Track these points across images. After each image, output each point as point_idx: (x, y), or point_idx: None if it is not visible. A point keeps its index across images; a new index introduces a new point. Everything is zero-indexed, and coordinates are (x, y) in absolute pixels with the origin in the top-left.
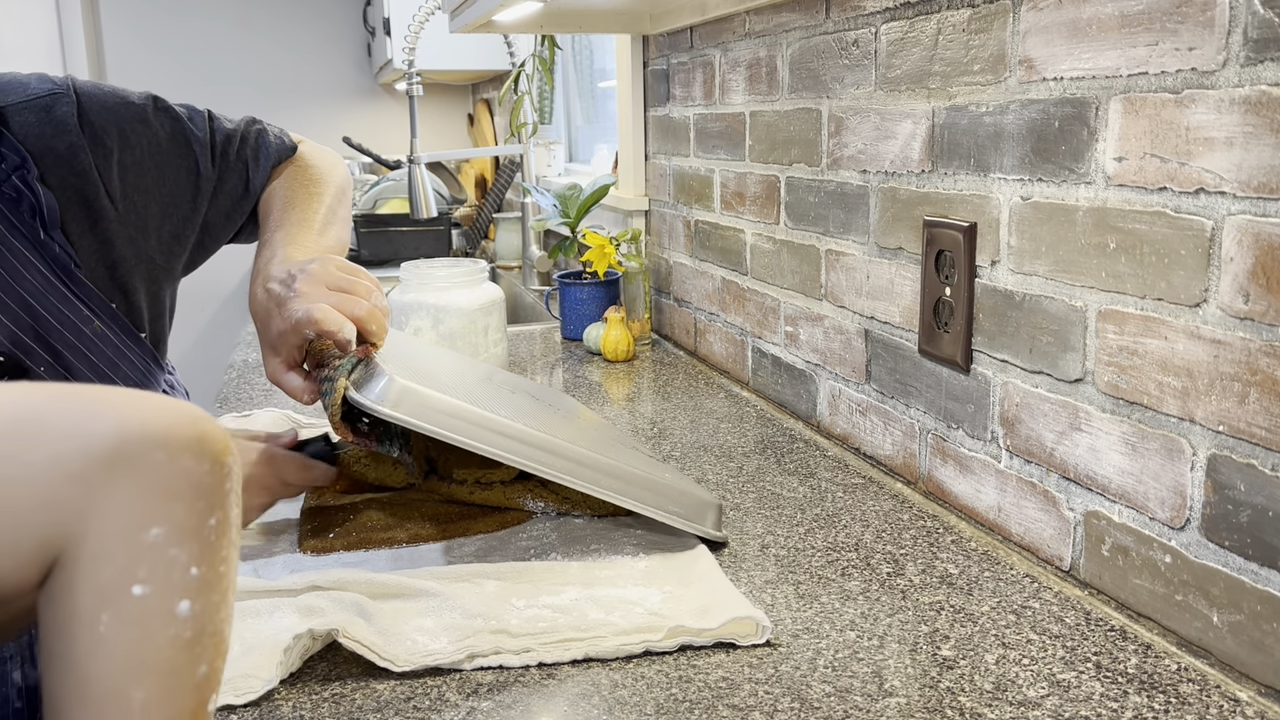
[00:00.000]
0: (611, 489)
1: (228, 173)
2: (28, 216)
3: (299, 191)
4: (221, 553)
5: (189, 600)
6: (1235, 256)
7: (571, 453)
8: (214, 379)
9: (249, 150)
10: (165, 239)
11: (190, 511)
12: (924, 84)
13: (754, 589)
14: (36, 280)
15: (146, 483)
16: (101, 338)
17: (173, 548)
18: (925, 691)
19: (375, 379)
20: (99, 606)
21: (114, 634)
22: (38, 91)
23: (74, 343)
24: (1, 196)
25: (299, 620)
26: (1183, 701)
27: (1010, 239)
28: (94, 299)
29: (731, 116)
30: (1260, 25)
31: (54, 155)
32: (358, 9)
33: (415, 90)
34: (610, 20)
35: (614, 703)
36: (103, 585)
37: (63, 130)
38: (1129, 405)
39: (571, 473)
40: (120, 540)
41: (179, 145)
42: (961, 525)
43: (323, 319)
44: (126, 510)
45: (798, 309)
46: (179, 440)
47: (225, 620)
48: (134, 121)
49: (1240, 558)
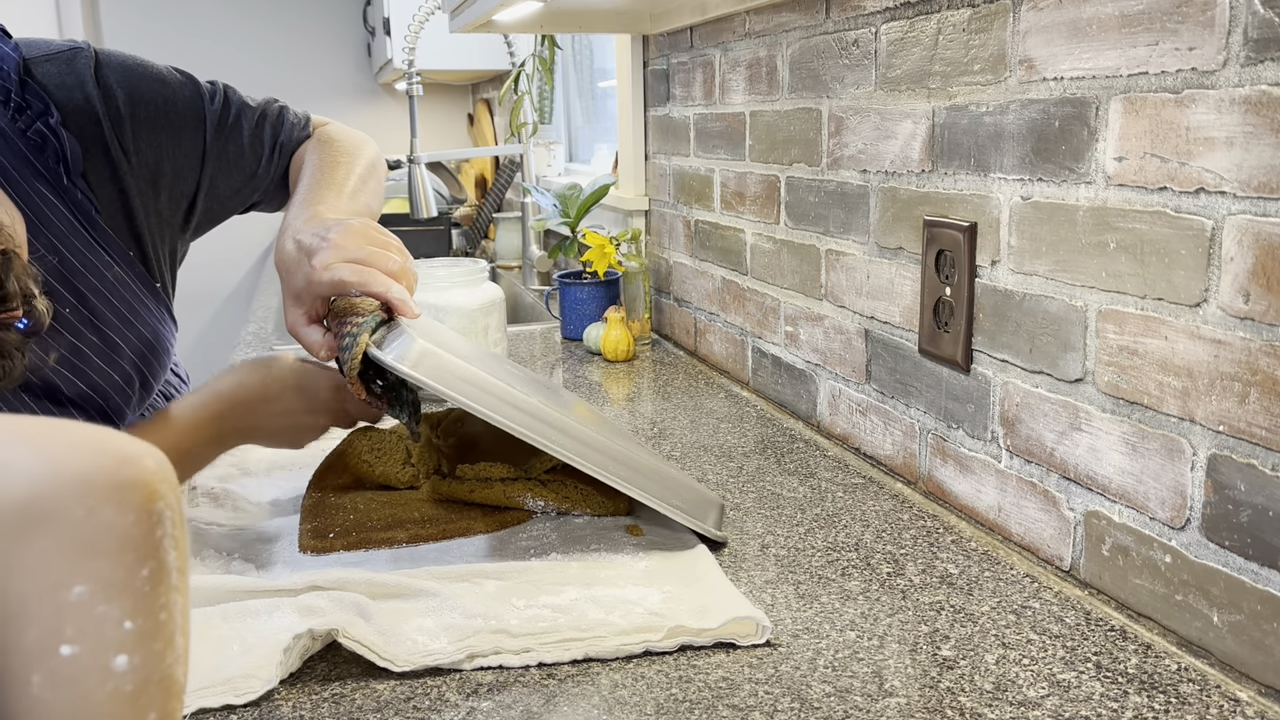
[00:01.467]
0: (619, 475)
1: (241, 144)
2: (52, 162)
3: (329, 161)
4: (160, 600)
5: (125, 655)
6: (1235, 256)
7: (582, 434)
8: None
9: (268, 125)
10: (176, 198)
11: (117, 566)
12: (924, 84)
13: (754, 589)
14: (61, 224)
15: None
16: (122, 284)
17: (100, 605)
18: (925, 691)
19: (397, 338)
20: (28, 668)
21: (48, 695)
22: (60, 46)
23: (97, 286)
24: (26, 141)
25: (299, 620)
26: (1183, 701)
27: (1010, 239)
28: (114, 246)
29: (731, 116)
30: (1260, 25)
31: (74, 105)
32: (358, 9)
33: (415, 90)
34: (610, 20)
35: (614, 703)
36: (28, 647)
37: (82, 81)
38: (1129, 405)
39: (581, 454)
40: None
41: (193, 108)
42: (961, 525)
43: (352, 272)
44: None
45: (798, 309)
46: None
47: (175, 663)
48: (149, 80)
49: (1240, 558)
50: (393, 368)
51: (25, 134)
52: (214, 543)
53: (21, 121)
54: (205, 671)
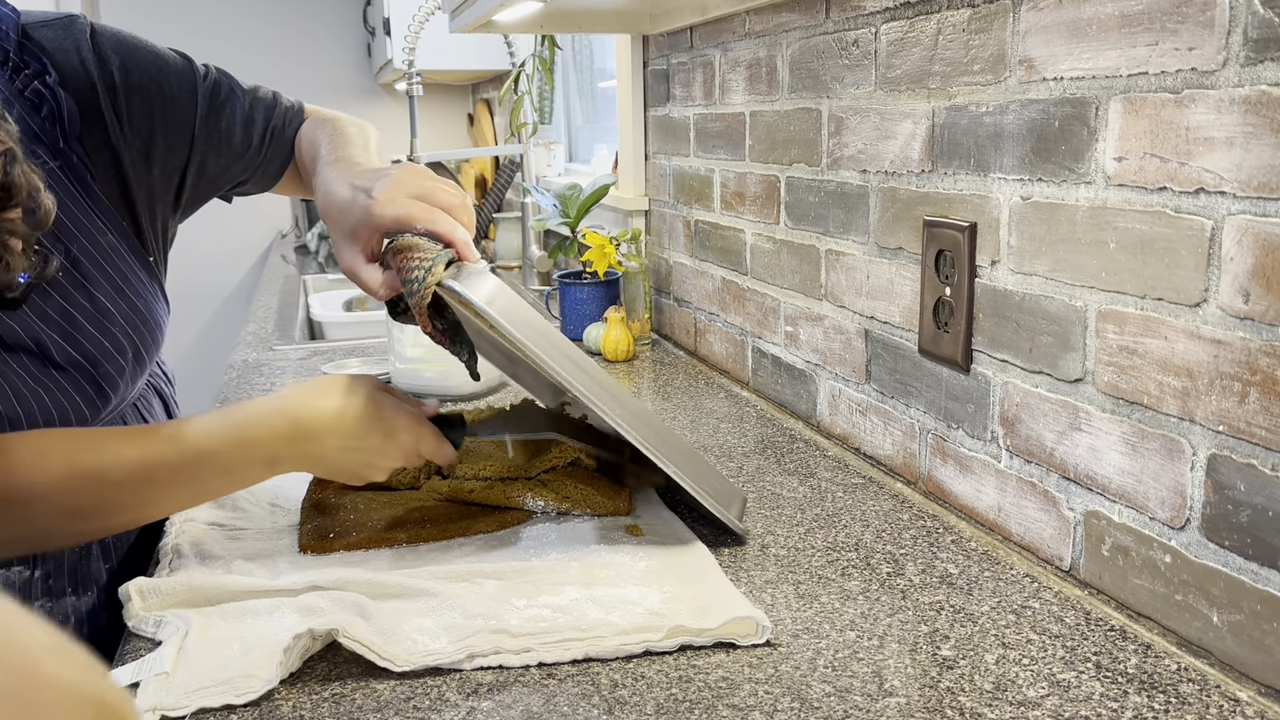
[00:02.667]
0: (660, 450)
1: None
2: (48, 124)
3: (344, 133)
4: None
5: None
6: (1235, 256)
7: (631, 403)
8: (214, 379)
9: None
10: (168, 173)
11: None
12: (924, 84)
13: (754, 589)
14: (56, 186)
15: None
16: (115, 251)
17: None
18: (925, 691)
19: (472, 274)
20: None
21: None
22: (56, 14)
23: (91, 251)
24: (24, 102)
25: (299, 620)
26: (1183, 701)
27: (1010, 239)
28: (108, 214)
29: (731, 116)
30: (1260, 25)
31: (70, 68)
32: (358, 9)
33: (415, 90)
34: (610, 20)
35: (614, 703)
36: None
37: (78, 46)
38: (1129, 405)
39: (628, 421)
40: None
41: (186, 81)
42: (961, 525)
43: (422, 210)
44: None
45: (798, 309)
46: None
47: None
48: (143, 51)
49: (1240, 558)
50: (468, 299)
51: (23, 94)
52: (214, 543)
53: (19, 81)
54: (205, 671)
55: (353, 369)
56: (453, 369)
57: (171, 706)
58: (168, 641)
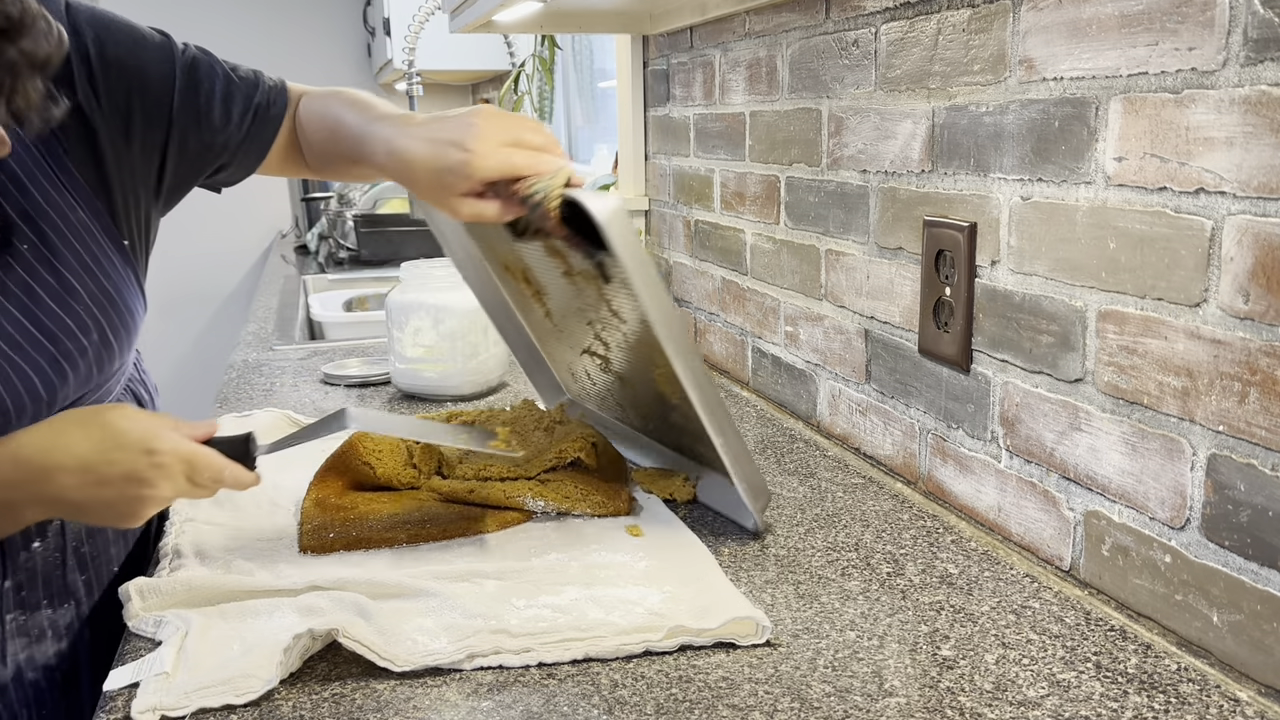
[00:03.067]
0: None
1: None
2: None
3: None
4: None
5: None
6: (1235, 256)
7: (697, 366)
8: (214, 379)
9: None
10: (148, 150)
11: None
12: (924, 84)
13: (754, 589)
14: (26, 156)
15: None
16: (85, 229)
17: None
18: (925, 691)
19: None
20: None
21: None
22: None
23: (59, 226)
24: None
25: (299, 620)
26: (1183, 701)
27: (1010, 239)
28: (80, 191)
29: (731, 116)
30: (1260, 25)
31: None
32: (358, 9)
33: (415, 90)
34: (610, 20)
35: (614, 703)
36: None
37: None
38: (1129, 405)
39: (698, 384)
40: None
41: (163, 54)
42: (961, 525)
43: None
44: None
45: (798, 309)
46: None
47: None
48: (118, 25)
49: (1240, 558)
50: (592, 212)
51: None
52: (214, 543)
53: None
54: (205, 671)
55: (353, 369)
56: (452, 369)
57: (171, 706)
58: (168, 641)
